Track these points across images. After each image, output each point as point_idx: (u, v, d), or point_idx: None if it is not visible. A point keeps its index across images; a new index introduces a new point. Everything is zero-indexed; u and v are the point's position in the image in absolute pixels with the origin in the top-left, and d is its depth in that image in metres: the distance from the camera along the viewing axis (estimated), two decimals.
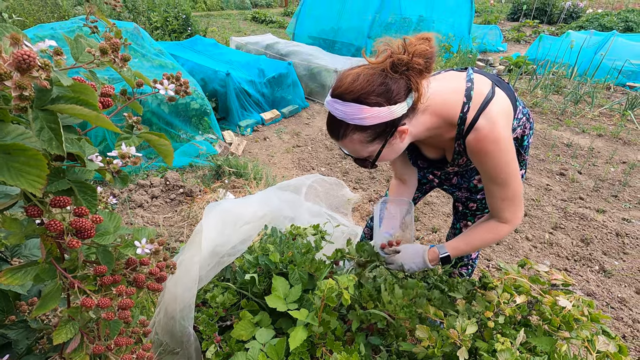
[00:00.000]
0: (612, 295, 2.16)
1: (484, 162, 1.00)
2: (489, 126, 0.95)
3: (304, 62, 4.92)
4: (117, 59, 0.42)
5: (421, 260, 1.16)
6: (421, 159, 1.26)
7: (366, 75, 0.88)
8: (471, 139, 0.98)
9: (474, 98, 0.98)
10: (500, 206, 1.07)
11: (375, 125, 0.90)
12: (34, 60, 0.29)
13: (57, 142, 0.35)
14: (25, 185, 0.37)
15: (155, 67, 3.45)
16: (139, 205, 2.67)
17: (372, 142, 0.95)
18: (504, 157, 0.97)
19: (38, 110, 0.35)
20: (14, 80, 0.29)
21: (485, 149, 0.97)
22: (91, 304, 0.49)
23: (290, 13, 12.34)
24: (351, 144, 0.96)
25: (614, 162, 3.62)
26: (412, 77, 0.88)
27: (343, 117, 0.90)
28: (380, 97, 0.87)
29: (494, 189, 1.05)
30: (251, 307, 1.15)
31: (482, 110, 0.96)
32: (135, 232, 0.58)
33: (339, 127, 0.93)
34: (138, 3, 7.27)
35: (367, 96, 0.87)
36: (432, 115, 0.99)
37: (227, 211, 1.43)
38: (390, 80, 0.87)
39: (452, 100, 0.99)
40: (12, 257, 0.92)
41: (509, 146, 0.98)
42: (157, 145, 0.59)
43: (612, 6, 13.20)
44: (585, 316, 0.86)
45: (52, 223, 0.41)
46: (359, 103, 0.87)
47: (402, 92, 0.88)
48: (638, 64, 5.82)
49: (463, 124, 0.99)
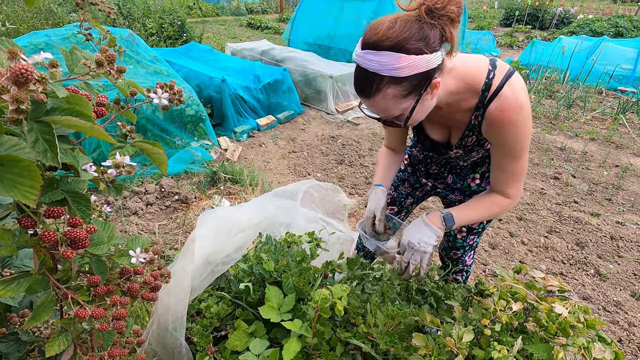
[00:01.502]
0: (608, 298, 2.17)
1: (505, 131, 0.98)
2: (513, 94, 0.94)
3: (300, 68, 4.94)
4: (113, 71, 0.42)
5: (425, 227, 1.10)
6: (424, 141, 1.23)
7: (403, 20, 0.82)
8: (494, 107, 0.96)
9: (498, 67, 0.97)
10: (507, 181, 1.07)
11: (411, 77, 0.84)
12: (32, 75, 0.29)
13: (52, 153, 0.35)
14: (19, 196, 0.36)
15: (151, 73, 3.44)
16: (133, 213, 2.65)
17: (406, 98, 0.88)
18: (525, 126, 0.97)
19: (33, 122, 0.34)
20: (11, 94, 0.29)
21: (509, 117, 0.96)
22: (85, 315, 0.48)
23: (285, 19, 12.41)
24: (384, 101, 0.89)
25: (607, 166, 3.66)
26: (445, 25, 0.83)
27: (377, 68, 0.83)
28: (420, 42, 0.81)
29: (506, 162, 1.05)
30: (246, 317, 1.14)
31: (507, 78, 0.95)
32: (130, 242, 0.58)
33: (372, 81, 0.86)
34: (133, 10, 7.28)
35: (406, 42, 0.81)
36: (456, 79, 0.97)
37: (221, 219, 1.42)
38: (426, 26, 0.82)
39: (478, 66, 0.98)
40: (3, 268, 0.91)
41: (529, 117, 0.97)
42: (151, 154, 0.59)
43: (602, 12, 13.43)
44: (581, 323, 0.86)
45: (46, 234, 0.41)
46: (397, 51, 0.81)
47: (438, 40, 0.83)
48: (629, 68, 5.91)
49: (487, 90, 0.96)
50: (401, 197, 1.54)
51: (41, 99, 0.31)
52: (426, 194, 1.53)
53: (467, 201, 1.19)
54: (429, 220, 1.11)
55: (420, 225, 1.12)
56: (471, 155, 1.22)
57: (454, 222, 1.10)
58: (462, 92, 0.99)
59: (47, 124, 0.35)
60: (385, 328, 0.99)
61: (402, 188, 1.53)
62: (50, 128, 0.35)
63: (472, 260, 1.54)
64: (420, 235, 1.10)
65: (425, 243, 1.09)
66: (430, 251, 1.10)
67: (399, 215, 1.59)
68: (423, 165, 1.43)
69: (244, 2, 14.96)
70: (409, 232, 1.12)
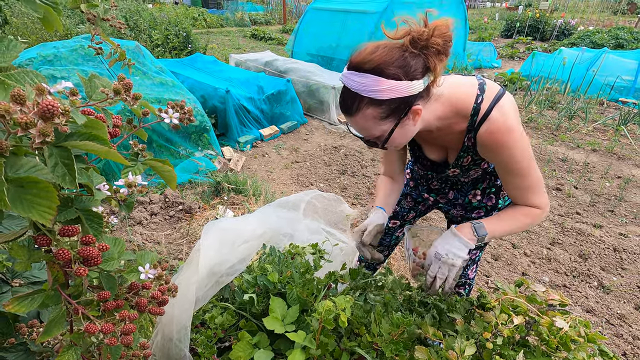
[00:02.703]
0: (612, 311, 2.15)
1: (500, 153, 0.99)
2: (502, 118, 0.95)
3: (303, 79, 5.00)
4: (129, 98, 0.44)
5: (454, 239, 1.06)
6: (422, 161, 1.24)
7: (385, 47, 0.87)
8: (484, 131, 0.97)
9: (487, 91, 0.98)
10: (525, 195, 1.05)
11: (391, 101, 0.87)
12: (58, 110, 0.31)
13: (70, 177, 0.37)
14: (36, 216, 0.38)
15: (156, 84, 3.50)
16: (138, 223, 2.67)
17: (385, 120, 0.91)
18: (519, 146, 0.97)
19: (53, 147, 0.36)
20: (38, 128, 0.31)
21: (499, 140, 0.96)
22: (95, 330, 0.50)
23: (288, 30, 12.58)
24: (363, 120, 0.92)
25: (609, 177, 3.66)
26: (429, 56, 0.86)
27: (358, 88, 0.87)
28: (399, 69, 0.85)
29: (514, 180, 1.04)
30: (250, 328, 1.15)
31: (495, 102, 0.96)
32: (139, 257, 0.59)
33: (353, 100, 0.90)
34: (140, 21, 7.41)
35: (385, 67, 0.84)
36: (445, 104, 0.99)
37: (225, 230, 1.43)
38: (409, 55, 0.86)
39: (466, 91, 0.99)
40: (13, 279, 0.93)
41: (521, 136, 0.97)
42: (161, 172, 0.61)
43: (602, 24, 13.54)
44: (582, 337, 0.86)
45: (60, 252, 0.43)
46: (377, 74, 0.85)
47: (420, 69, 0.87)
48: (629, 79, 5.94)
49: (476, 114, 0.98)
50: (404, 211, 1.56)
51: (64, 130, 0.33)
52: (429, 208, 1.54)
53: (496, 213, 1.16)
54: (458, 232, 1.07)
55: (449, 237, 1.08)
56: (470, 174, 1.22)
57: (486, 232, 1.06)
58: (451, 117, 1.01)
59: (66, 149, 0.37)
60: (389, 337, 0.99)
61: (405, 202, 1.54)
62: (69, 152, 0.37)
63: (474, 274, 1.54)
64: (448, 246, 1.06)
65: (454, 255, 1.05)
66: (459, 264, 1.05)
67: (401, 229, 1.60)
68: (425, 181, 1.44)
69: (248, 13, 15.19)
70: (437, 244, 1.09)
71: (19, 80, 0.38)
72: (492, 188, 1.29)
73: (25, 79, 0.38)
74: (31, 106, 0.32)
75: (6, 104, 0.30)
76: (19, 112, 0.31)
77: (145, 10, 8.34)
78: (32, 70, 0.39)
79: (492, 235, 1.07)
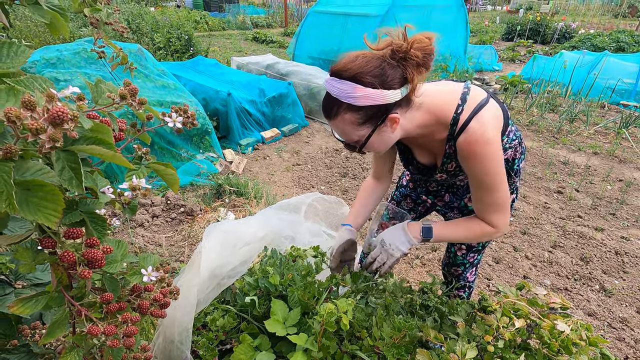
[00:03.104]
0: (614, 315, 2.15)
1: (473, 164, 1.02)
2: (481, 129, 0.97)
3: (304, 81, 5.01)
4: (135, 103, 0.45)
5: (402, 233, 1.14)
6: (413, 164, 1.27)
7: (365, 57, 0.92)
8: (462, 141, 1.00)
9: (468, 101, 1.00)
10: (487, 210, 1.08)
11: (367, 107, 0.92)
12: (67, 116, 0.32)
13: (77, 180, 0.37)
14: (42, 219, 0.39)
15: (158, 87, 3.52)
16: (139, 225, 2.68)
17: (362, 125, 0.96)
18: (493, 160, 0.99)
19: (60, 152, 0.37)
20: (48, 134, 0.32)
21: (476, 151, 0.98)
22: (97, 332, 0.50)
23: (290, 33, 12.63)
24: (342, 124, 0.97)
25: (610, 180, 3.66)
26: (408, 67, 0.91)
27: (338, 94, 0.92)
28: (375, 78, 0.89)
29: (481, 194, 1.07)
30: (251, 330, 1.15)
31: (475, 113, 0.98)
32: (141, 260, 0.60)
33: (333, 105, 0.95)
34: (142, 25, 7.45)
35: (362, 75, 0.89)
36: (426, 112, 1.02)
37: (226, 232, 1.44)
38: (387, 65, 0.90)
39: (447, 100, 1.02)
40: (16, 280, 0.93)
41: (498, 151, 1.00)
42: (164, 175, 0.61)
43: (603, 27, 13.56)
44: (584, 340, 0.86)
45: (65, 254, 0.43)
46: (354, 81, 0.90)
47: (397, 79, 0.91)
48: (631, 82, 5.94)
49: (455, 124, 1.01)
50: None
51: (73, 136, 0.34)
52: (428, 210, 1.55)
53: (454, 219, 1.21)
54: (407, 228, 1.15)
55: (398, 230, 1.16)
56: (458, 179, 1.24)
57: (432, 235, 1.13)
58: (432, 125, 1.04)
59: (72, 153, 0.37)
60: (391, 341, 0.99)
61: (405, 203, 1.55)
62: (76, 157, 0.37)
63: (474, 277, 1.54)
64: (394, 238, 1.14)
65: (395, 247, 1.14)
66: (397, 256, 1.14)
67: None
68: (423, 183, 1.46)
69: (249, 16, 15.26)
70: (387, 232, 1.16)
71: (27, 86, 0.39)
72: None
73: (34, 84, 0.39)
74: (41, 112, 0.32)
75: (17, 110, 0.31)
76: (30, 118, 0.32)
77: (147, 13, 8.39)
78: (40, 76, 0.39)
79: (437, 239, 1.14)
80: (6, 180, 0.33)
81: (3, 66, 0.44)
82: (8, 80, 0.38)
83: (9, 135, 0.41)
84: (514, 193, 1.30)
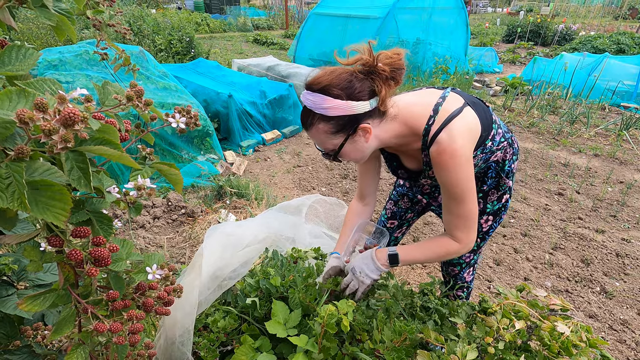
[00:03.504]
0: (615, 317, 2.15)
1: (442, 174, 1.05)
2: (448, 140, 1.00)
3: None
4: (141, 104, 0.46)
5: (371, 261, 1.18)
6: (402, 169, 1.30)
7: (335, 72, 0.98)
8: (433, 151, 1.04)
9: (440, 112, 1.04)
10: (454, 222, 1.11)
11: (338, 118, 0.98)
12: (78, 117, 0.33)
13: (85, 180, 0.38)
14: (51, 218, 0.40)
15: (160, 89, 3.53)
16: (141, 226, 2.69)
17: (335, 135, 1.02)
18: (460, 171, 1.02)
19: (69, 152, 0.38)
20: (59, 135, 0.33)
21: (444, 161, 1.02)
22: (103, 329, 0.51)
23: (290, 35, 12.67)
24: (317, 134, 1.03)
25: (611, 182, 3.66)
26: (376, 80, 0.96)
27: (311, 105, 0.98)
28: (342, 90, 0.96)
29: (450, 204, 1.09)
30: (252, 332, 1.16)
31: (445, 124, 1.02)
32: (146, 258, 0.61)
33: (308, 116, 1.02)
34: (143, 27, 7.48)
35: (330, 88, 0.96)
36: (401, 123, 1.06)
37: (227, 234, 1.45)
38: (355, 79, 0.97)
39: (420, 112, 1.06)
40: (19, 282, 0.94)
41: (466, 163, 1.02)
42: (168, 175, 0.62)
43: (604, 29, 13.57)
44: (584, 342, 0.87)
45: (73, 252, 0.44)
46: (324, 94, 0.96)
47: (366, 92, 0.97)
48: (631, 84, 5.95)
49: (427, 135, 1.05)
50: (401, 211, 1.59)
51: (83, 137, 0.35)
52: (424, 209, 1.58)
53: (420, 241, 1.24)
54: (376, 257, 1.19)
55: (367, 258, 1.20)
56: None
57: (399, 262, 1.17)
58: (407, 135, 1.08)
59: (81, 153, 0.38)
60: (392, 344, 1.00)
61: (402, 203, 1.58)
62: (84, 157, 0.38)
63: (472, 277, 1.55)
64: (364, 266, 1.19)
65: (365, 275, 1.18)
66: (367, 283, 1.18)
67: (400, 229, 1.64)
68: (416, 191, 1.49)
69: (250, 18, 15.31)
70: (357, 260, 1.21)
71: (38, 88, 0.40)
72: (480, 193, 1.32)
73: (44, 87, 0.40)
74: (52, 114, 0.33)
75: (30, 111, 0.32)
76: (42, 119, 0.33)
77: (149, 15, 8.43)
78: (50, 78, 0.40)
79: (405, 263, 1.18)
80: (18, 180, 0.34)
81: (12, 69, 0.45)
82: (19, 83, 0.39)
83: (18, 137, 0.42)
84: (507, 193, 1.32)
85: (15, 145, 0.37)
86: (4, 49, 0.45)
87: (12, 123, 0.37)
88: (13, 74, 0.43)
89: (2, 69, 0.44)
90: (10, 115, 0.37)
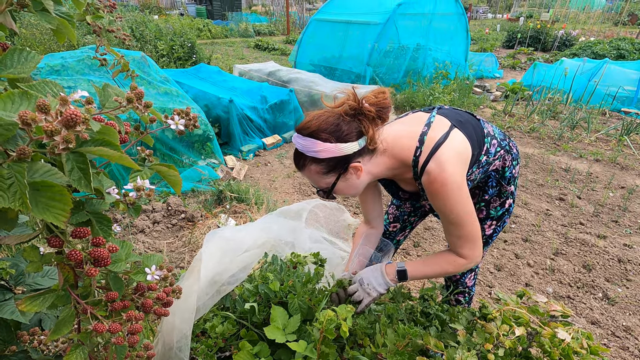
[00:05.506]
0: (617, 323, 2.13)
1: (436, 202, 1.07)
2: (437, 169, 1.02)
3: (305, 88, 5.05)
4: (141, 106, 0.46)
5: (380, 275, 1.20)
6: (401, 191, 1.33)
7: (323, 116, 1.02)
8: (424, 181, 1.06)
9: (426, 142, 1.06)
10: (457, 243, 1.12)
11: (329, 159, 1.01)
12: (80, 118, 0.33)
13: (86, 181, 0.39)
14: (51, 218, 0.40)
15: (161, 94, 3.55)
16: (140, 231, 2.68)
17: (327, 174, 1.05)
18: (453, 197, 1.03)
19: (70, 153, 0.38)
20: (61, 136, 0.33)
21: (436, 190, 1.04)
22: (102, 329, 0.51)
23: (292, 41, 12.75)
24: (309, 174, 1.07)
25: (612, 187, 3.65)
26: (363, 121, 1.00)
27: (302, 149, 1.02)
28: (331, 134, 0.99)
29: (449, 227, 1.11)
30: (250, 337, 1.15)
31: (432, 154, 1.04)
32: (145, 259, 0.61)
33: (300, 158, 1.06)
34: (145, 32, 7.54)
35: (318, 133, 1.00)
36: (391, 157, 1.09)
37: (226, 239, 1.45)
38: (343, 122, 1.00)
39: (406, 145, 1.08)
40: (16, 286, 0.94)
41: (459, 189, 1.03)
42: (167, 176, 0.62)
43: (603, 34, 13.64)
44: (585, 349, 0.86)
45: (72, 253, 0.44)
46: (313, 138, 1.00)
47: (354, 133, 1.00)
48: (631, 90, 5.96)
49: (416, 166, 1.07)
50: (404, 214, 1.60)
51: (85, 138, 0.35)
52: (426, 213, 1.58)
53: (426, 256, 1.24)
54: (385, 271, 1.21)
55: (377, 271, 1.22)
56: None
57: (407, 278, 1.19)
58: (398, 167, 1.11)
59: (81, 154, 0.39)
60: (394, 348, 0.99)
61: (405, 207, 1.59)
62: (85, 158, 0.39)
63: (473, 282, 1.55)
64: (372, 279, 1.21)
65: (372, 287, 1.20)
66: (374, 295, 1.20)
67: (402, 232, 1.64)
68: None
69: (252, 24, 15.42)
70: (367, 272, 1.23)
71: (40, 91, 0.41)
72: (482, 202, 1.33)
73: (46, 89, 0.41)
74: (54, 115, 0.34)
75: (32, 113, 0.32)
76: (44, 120, 0.33)
77: (151, 21, 8.50)
78: (51, 81, 0.41)
79: (412, 278, 1.20)
80: (20, 181, 0.34)
81: (14, 71, 0.45)
82: (21, 85, 0.40)
83: (19, 138, 0.42)
84: (509, 198, 1.32)
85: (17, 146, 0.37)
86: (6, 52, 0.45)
87: (14, 124, 0.37)
88: (15, 76, 0.44)
89: (4, 72, 0.45)
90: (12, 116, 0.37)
